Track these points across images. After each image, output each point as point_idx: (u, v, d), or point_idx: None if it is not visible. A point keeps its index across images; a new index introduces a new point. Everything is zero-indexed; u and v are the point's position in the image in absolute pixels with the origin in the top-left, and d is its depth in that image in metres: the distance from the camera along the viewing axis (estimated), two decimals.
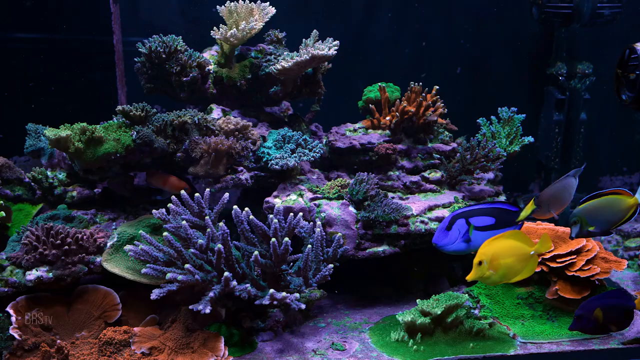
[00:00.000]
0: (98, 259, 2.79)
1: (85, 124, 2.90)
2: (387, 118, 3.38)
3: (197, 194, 2.67)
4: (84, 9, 3.83)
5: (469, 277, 2.45)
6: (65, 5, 3.82)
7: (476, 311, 2.86)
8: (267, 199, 3.03)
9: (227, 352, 2.52)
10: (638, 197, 2.50)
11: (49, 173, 3.19)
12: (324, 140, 3.48)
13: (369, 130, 3.42)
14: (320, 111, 3.73)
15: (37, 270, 2.68)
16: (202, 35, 3.49)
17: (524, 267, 2.45)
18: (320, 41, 3.24)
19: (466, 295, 2.85)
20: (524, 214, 2.53)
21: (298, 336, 2.78)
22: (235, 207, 2.61)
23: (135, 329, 2.64)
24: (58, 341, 2.58)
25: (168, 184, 3.04)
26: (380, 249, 2.93)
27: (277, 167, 3.02)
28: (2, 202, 2.57)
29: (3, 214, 2.53)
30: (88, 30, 3.85)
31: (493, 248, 2.41)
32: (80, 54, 3.88)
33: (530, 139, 3.54)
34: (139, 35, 3.58)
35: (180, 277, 2.45)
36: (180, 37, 3.30)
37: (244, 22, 3.22)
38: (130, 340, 2.58)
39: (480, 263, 2.41)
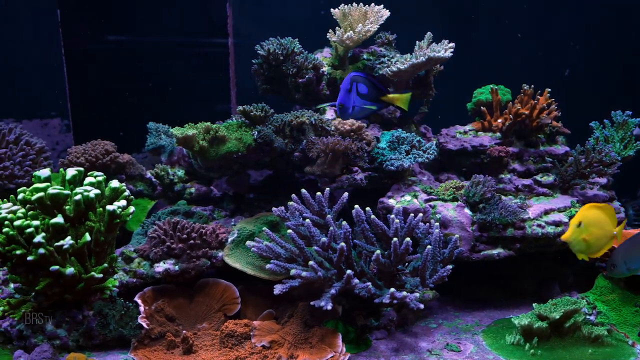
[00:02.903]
0: (219, 254, 2.89)
1: (209, 123, 3.02)
2: (499, 120, 3.37)
3: (318, 193, 2.73)
4: (202, 12, 3.96)
5: (564, 237, 2.48)
6: (184, 9, 3.96)
7: (592, 317, 2.81)
8: (381, 199, 3.06)
9: (344, 349, 2.56)
10: None
11: (169, 170, 3.33)
12: (434, 141, 3.49)
13: (479, 133, 3.42)
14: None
15: (164, 263, 2.81)
16: (308, 37, 3.56)
17: (603, 245, 2.44)
18: (434, 43, 3.25)
19: (584, 301, 2.81)
20: None
21: (411, 336, 2.80)
22: (356, 206, 2.66)
23: (254, 322, 2.72)
24: (184, 331, 2.68)
25: None
26: (495, 251, 2.92)
27: (392, 168, 3.06)
28: (132, 197, 2.69)
29: (133, 209, 2.65)
30: (206, 32, 3.98)
31: (593, 214, 2.42)
32: (198, 55, 4.02)
33: None
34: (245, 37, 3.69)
35: (304, 274, 2.51)
36: (297, 39, 3.38)
37: (360, 24, 3.26)
38: (251, 333, 2.65)
39: (579, 225, 2.40)
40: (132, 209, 2.62)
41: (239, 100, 4.04)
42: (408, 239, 2.56)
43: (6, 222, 2.37)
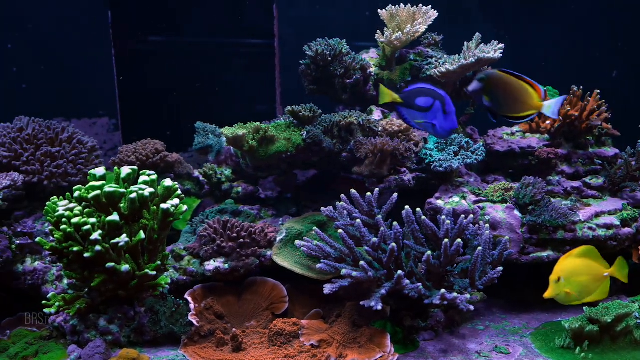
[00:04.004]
0: (268, 253, 2.92)
1: (258, 123, 3.05)
2: (548, 122, 3.34)
3: (368, 194, 2.74)
4: (249, 13, 4.00)
5: (546, 295, 2.41)
6: (232, 10, 4.00)
7: None
8: (429, 200, 3.06)
9: (393, 349, 2.56)
10: (547, 105, 2.39)
11: (216, 169, 3.37)
12: (481, 142, 3.48)
13: (527, 134, 3.39)
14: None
15: (214, 261, 2.84)
16: (352, 38, 3.57)
17: (597, 288, 2.43)
18: (482, 44, 3.24)
19: (636, 305, 2.77)
20: None
21: (458, 337, 2.79)
22: (407, 207, 2.66)
23: (302, 321, 2.73)
24: (233, 329, 2.71)
25: None
26: (544, 254, 2.89)
27: (441, 169, 3.05)
28: (183, 195, 2.73)
29: (186, 207, 2.69)
30: (253, 33, 4.01)
31: (570, 265, 2.40)
32: (245, 56, 4.05)
33: None
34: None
35: (355, 274, 2.52)
36: (345, 40, 3.39)
37: (409, 25, 3.26)
38: (299, 332, 2.67)
39: (558, 280, 2.37)
40: (184, 207, 2.65)
41: (283, 101, 4.07)
42: (459, 240, 2.56)
43: (63, 220, 2.42)
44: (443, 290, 2.50)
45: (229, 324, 2.81)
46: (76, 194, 2.53)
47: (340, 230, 2.61)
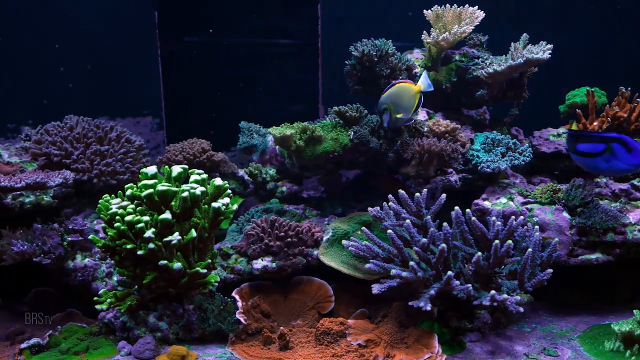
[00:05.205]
0: (315, 252, 2.93)
1: (306, 123, 3.06)
2: (595, 123, 3.30)
3: (417, 194, 2.73)
4: (293, 14, 4.01)
5: None
6: (276, 10, 4.02)
7: None
8: (476, 201, 3.05)
9: (440, 350, 2.55)
10: (420, 84, 2.85)
11: (261, 169, 3.39)
12: (527, 144, 3.46)
13: None
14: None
15: (262, 260, 2.86)
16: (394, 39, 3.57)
17: None
18: (530, 44, 3.22)
19: None
20: None
21: (505, 339, 2.77)
22: (456, 208, 2.66)
23: (349, 321, 2.74)
24: (281, 328, 2.72)
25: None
26: (593, 256, 2.87)
27: (488, 170, 3.04)
28: (232, 195, 2.75)
29: (236, 206, 2.72)
30: (297, 34, 4.03)
31: None
32: (288, 56, 4.07)
33: None
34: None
35: (404, 274, 2.52)
36: (390, 40, 3.38)
37: (455, 25, 3.25)
38: (346, 331, 2.67)
39: None
40: (235, 206, 2.68)
41: (323, 101, 4.08)
42: (510, 241, 2.55)
43: (117, 217, 2.45)
44: (493, 292, 2.48)
45: (275, 323, 2.83)
46: (128, 192, 2.57)
47: (389, 231, 2.62)
